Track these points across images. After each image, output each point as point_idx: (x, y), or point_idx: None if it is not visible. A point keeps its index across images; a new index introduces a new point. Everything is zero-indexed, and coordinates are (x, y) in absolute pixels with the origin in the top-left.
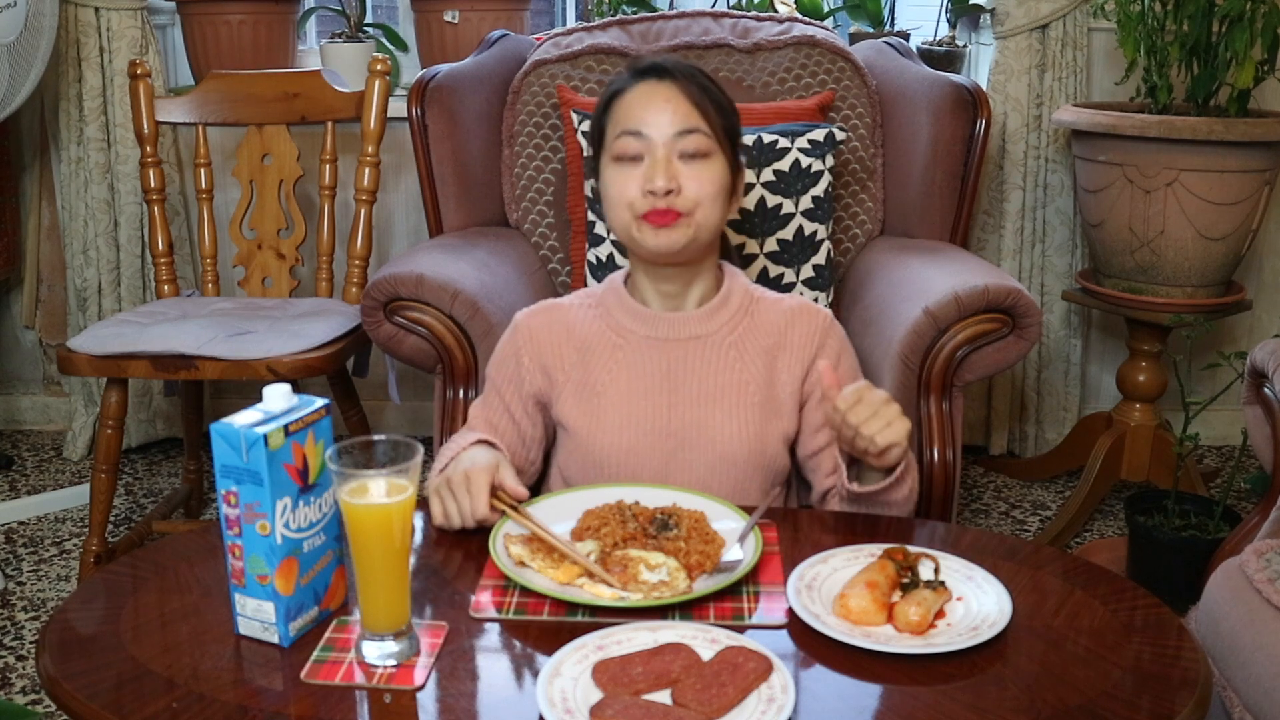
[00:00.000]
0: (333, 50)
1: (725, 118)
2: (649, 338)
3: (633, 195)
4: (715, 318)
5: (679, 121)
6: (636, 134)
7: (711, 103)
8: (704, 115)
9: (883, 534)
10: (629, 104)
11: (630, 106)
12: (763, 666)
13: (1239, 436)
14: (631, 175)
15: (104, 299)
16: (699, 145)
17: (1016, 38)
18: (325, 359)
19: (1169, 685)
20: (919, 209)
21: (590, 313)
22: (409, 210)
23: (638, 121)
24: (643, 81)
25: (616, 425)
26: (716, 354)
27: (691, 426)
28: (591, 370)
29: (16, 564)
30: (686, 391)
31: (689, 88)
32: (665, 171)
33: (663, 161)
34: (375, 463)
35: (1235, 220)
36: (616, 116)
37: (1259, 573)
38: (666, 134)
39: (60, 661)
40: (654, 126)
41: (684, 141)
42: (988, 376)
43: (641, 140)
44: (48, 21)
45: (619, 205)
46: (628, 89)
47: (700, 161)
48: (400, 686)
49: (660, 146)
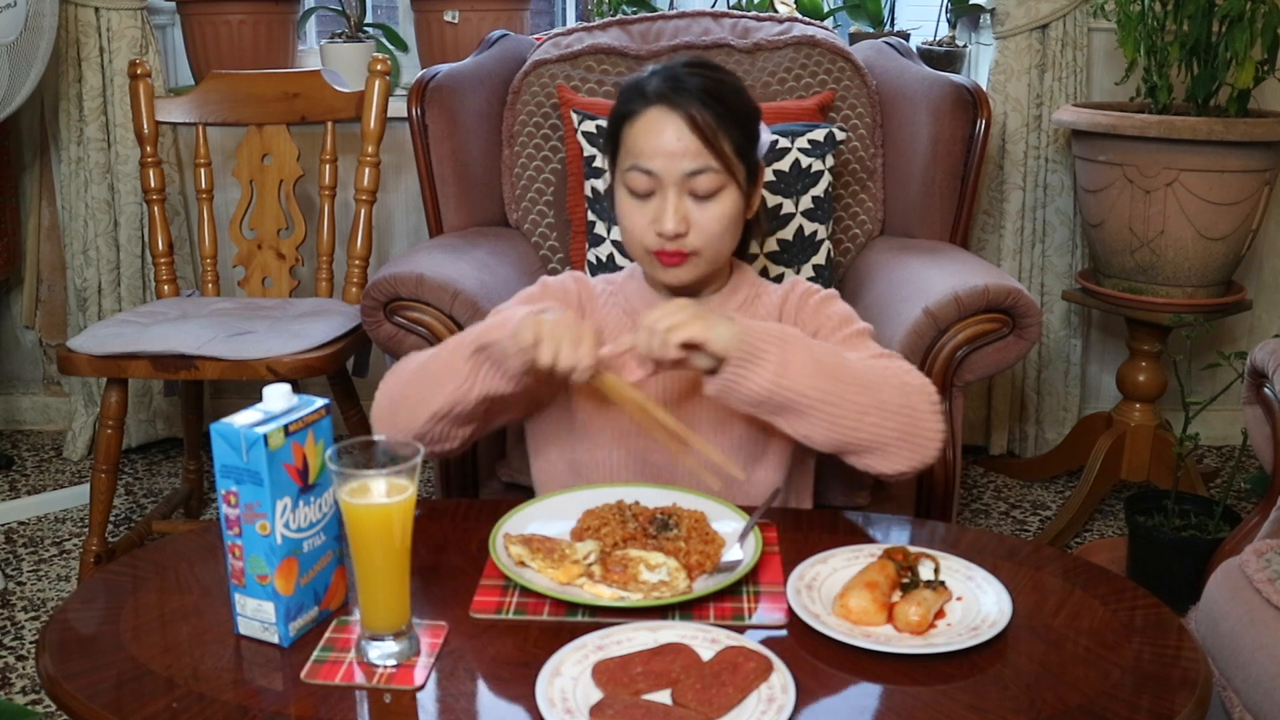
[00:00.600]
0: (333, 50)
1: (741, 135)
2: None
3: (643, 230)
4: (723, 307)
5: (689, 160)
6: (647, 172)
7: (725, 129)
8: (716, 151)
9: (882, 534)
10: (640, 133)
11: (641, 137)
12: (763, 666)
13: (1239, 436)
14: (642, 210)
15: (104, 299)
16: (710, 185)
17: (1016, 38)
18: (325, 359)
19: (1169, 685)
20: (919, 209)
21: (608, 297)
22: (409, 210)
23: (648, 159)
24: (654, 108)
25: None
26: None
27: (699, 416)
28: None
29: (16, 564)
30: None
31: (702, 116)
32: (675, 215)
33: (672, 204)
34: (375, 463)
35: (1235, 220)
36: (627, 144)
37: (1259, 573)
38: (676, 175)
39: (60, 661)
40: (663, 166)
41: (694, 181)
42: (988, 376)
43: (652, 178)
44: (48, 21)
45: (631, 236)
46: (640, 114)
47: (711, 200)
48: (400, 686)
49: (670, 188)
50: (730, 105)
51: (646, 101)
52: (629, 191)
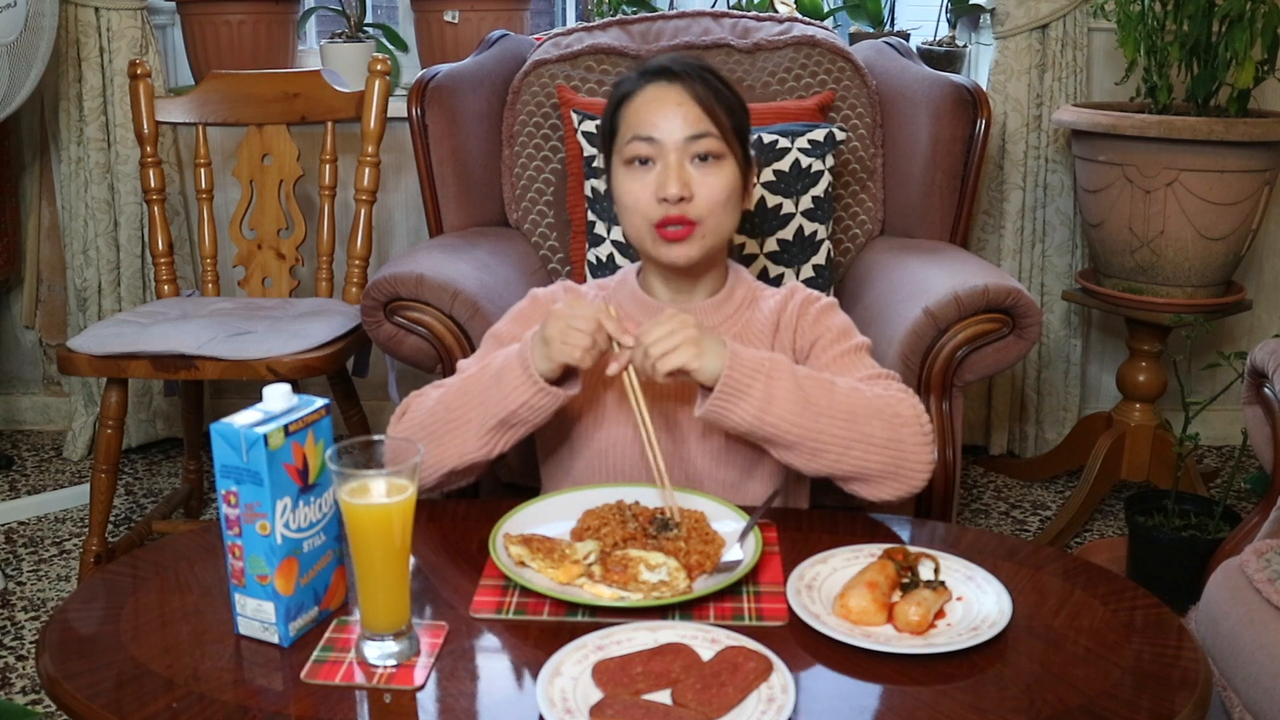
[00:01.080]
0: (333, 50)
1: (736, 118)
2: None
3: (646, 202)
4: (720, 311)
5: (690, 125)
6: (648, 139)
7: (721, 104)
8: (714, 118)
9: (883, 534)
10: (639, 107)
11: (640, 110)
12: (763, 666)
13: (1239, 436)
14: (644, 181)
15: (104, 299)
16: (710, 148)
17: (1016, 38)
18: (325, 359)
19: (1169, 685)
20: (919, 209)
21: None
22: (409, 210)
23: (649, 126)
24: (652, 84)
25: (619, 418)
26: None
27: (694, 421)
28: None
29: (16, 564)
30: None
31: (699, 89)
32: (678, 178)
33: (675, 167)
34: (375, 463)
35: (1235, 220)
36: (626, 119)
37: (1259, 573)
38: (678, 138)
39: (60, 661)
40: (665, 131)
41: (696, 145)
42: (988, 376)
43: (653, 145)
44: (48, 21)
45: (633, 212)
46: (637, 91)
47: (712, 164)
48: (400, 686)
49: (672, 151)
50: (724, 90)
51: (645, 79)
52: (628, 164)
